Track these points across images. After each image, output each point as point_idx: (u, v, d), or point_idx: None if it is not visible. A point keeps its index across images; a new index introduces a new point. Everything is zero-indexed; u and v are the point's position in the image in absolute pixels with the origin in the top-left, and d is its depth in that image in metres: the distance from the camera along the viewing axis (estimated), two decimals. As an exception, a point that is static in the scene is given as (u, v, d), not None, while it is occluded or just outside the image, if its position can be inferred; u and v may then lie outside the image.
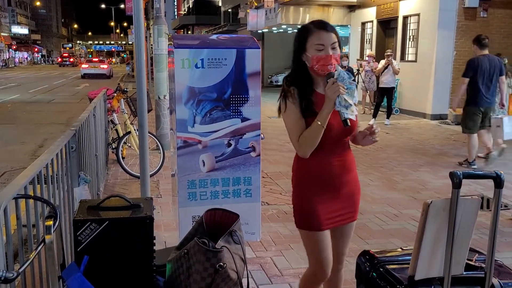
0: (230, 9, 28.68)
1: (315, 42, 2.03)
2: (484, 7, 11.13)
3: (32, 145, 8.08)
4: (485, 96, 6.32)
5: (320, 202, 2.13)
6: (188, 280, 1.86)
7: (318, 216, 2.13)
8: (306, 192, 2.16)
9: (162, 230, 4.04)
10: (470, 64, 6.37)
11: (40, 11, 74.79)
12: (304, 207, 2.17)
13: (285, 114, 2.10)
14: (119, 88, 6.80)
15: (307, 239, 2.20)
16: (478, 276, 1.80)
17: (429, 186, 5.69)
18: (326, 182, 2.14)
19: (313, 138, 2.02)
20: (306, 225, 2.17)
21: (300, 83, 2.10)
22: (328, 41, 2.03)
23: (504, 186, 1.69)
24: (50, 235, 1.61)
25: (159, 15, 7.64)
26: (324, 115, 1.99)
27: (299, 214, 2.20)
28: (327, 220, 2.15)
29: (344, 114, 1.96)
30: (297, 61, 2.12)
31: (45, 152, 2.41)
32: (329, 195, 2.15)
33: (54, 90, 20.48)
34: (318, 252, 2.17)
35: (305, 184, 2.17)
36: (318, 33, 2.05)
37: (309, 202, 2.15)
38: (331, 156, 2.13)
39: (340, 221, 2.21)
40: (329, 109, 1.97)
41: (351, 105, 1.97)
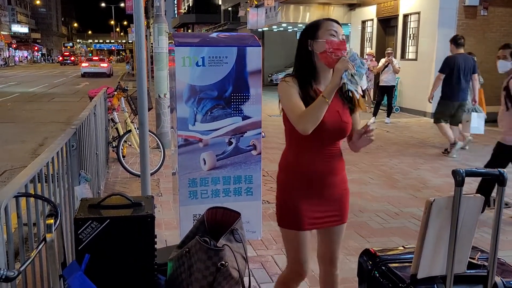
0: (230, 8, 28.65)
1: (329, 28, 2.04)
2: (485, 5, 11.12)
3: (32, 144, 8.07)
4: (458, 92, 6.87)
5: (303, 202, 2.11)
6: (189, 278, 1.85)
7: (300, 216, 2.11)
8: (290, 191, 2.15)
9: (163, 229, 4.03)
10: (447, 61, 6.92)
11: (40, 10, 74.74)
12: (287, 205, 2.16)
13: (284, 96, 2.05)
14: (119, 87, 6.79)
15: (287, 238, 2.19)
16: (480, 275, 1.79)
17: (430, 184, 5.68)
18: (312, 183, 2.12)
19: (317, 114, 1.93)
20: (287, 224, 2.16)
21: (304, 75, 2.08)
22: (340, 32, 2.06)
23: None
24: (51, 233, 1.61)
25: (160, 14, 7.63)
26: (330, 88, 1.92)
27: (281, 212, 2.19)
28: (309, 220, 2.13)
29: (348, 85, 1.91)
30: (303, 52, 2.10)
31: (46, 150, 2.40)
32: (314, 197, 2.13)
33: (54, 88, 20.46)
34: (297, 252, 2.16)
35: (290, 183, 2.16)
36: (330, 22, 2.08)
37: (293, 201, 2.13)
38: (319, 158, 2.10)
39: (326, 223, 2.19)
40: (335, 83, 1.91)
41: (358, 84, 1.93)
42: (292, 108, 2.01)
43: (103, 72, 29.62)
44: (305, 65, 2.09)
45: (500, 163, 4.29)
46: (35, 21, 69.43)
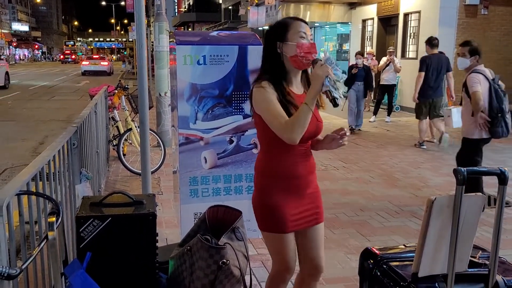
0: (231, 6, 28.62)
1: (298, 30, 2.01)
2: (485, 4, 11.11)
3: (32, 142, 8.08)
4: (429, 91, 7.41)
5: (285, 204, 2.07)
6: (191, 276, 1.86)
7: (284, 219, 2.06)
8: (271, 194, 2.08)
9: (164, 227, 4.04)
10: (423, 60, 7.46)
11: (40, 8, 74.69)
12: (268, 209, 2.09)
13: (264, 103, 1.99)
14: (120, 85, 6.79)
15: (272, 241, 2.13)
16: (482, 273, 1.79)
17: (430, 183, 5.68)
18: (292, 182, 2.08)
19: (302, 121, 1.91)
20: (270, 227, 2.09)
21: (276, 78, 2.03)
22: (308, 32, 2.04)
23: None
24: (53, 231, 1.61)
25: (160, 12, 7.63)
26: (312, 96, 1.89)
27: (263, 216, 2.12)
28: (292, 222, 2.09)
29: (333, 93, 1.89)
30: (272, 54, 2.06)
31: (47, 148, 2.41)
32: (294, 196, 2.09)
33: (55, 87, 20.46)
34: (283, 253, 2.12)
35: (271, 186, 2.09)
36: (298, 23, 2.04)
37: (274, 204, 2.07)
38: (297, 157, 2.08)
39: (305, 223, 2.15)
40: (316, 90, 1.88)
41: (339, 88, 1.91)
42: (275, 116, 1.96)
43: (104, 70, 29.60)
44: (275, 68, 2.05)
45: (472, 160, 4.44)
46: (36, 20, 69.38)
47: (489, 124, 4.34)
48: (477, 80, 4.36)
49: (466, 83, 4.47)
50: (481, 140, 4.48)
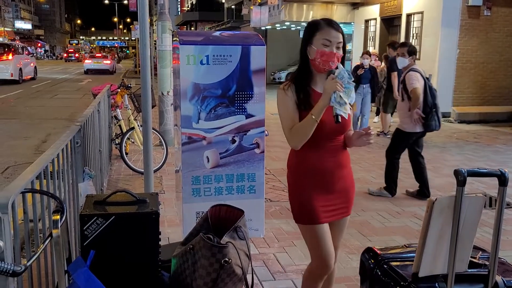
0: (234, 6, 28.62)
1: (323, 37, 2.08)
2: (488, 5, 11.09)
3: (35, 140, 8.11)
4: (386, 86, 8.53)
5: (316, 196, 2.18)
6: (193, 275, 1.87)
7: (316, 210, 2.17)
8: (302, 187, 2.20)
9: (166, 226, 4.06)
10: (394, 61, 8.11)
11: (43, 7, 74.77)
12: (301, 201, 2.21)
13: (280, 104, 2.16)
14: (123, 84, 6.81)
15: (307, 233, 2.22)
16: (481, 274, 1.81)
17: (432, 184, 5.68)
18: (320, 177, 2.18)
19: (305, 131, 2.05)
20: (305, 219, 2.20)
21: (300, 77, 2.17)
22: (335, 40, 2.09)
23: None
24: (57, 229, 1.63)
25: (163, 11, 7.64)
26: (319, 109, 2.03)
27: (297, 208, 2.23)
28: (325, 213, 2.19)
29: (336, 110, 2.00)
30: (302, 53, 2.18)
31: (51, 147, 2.42)
32: (324, 190, 2.19)
33: (57, 85, 20.51)
34: (319, 246, 2.19)
35: (301, 179, 2.21)
36: (327, 29, 2.10)
37: (306, 196, 2.18)
38: (324, 153, 2.17)
39: (335, 215, 2.25)
40: (324, 103, 2.01)
41: (346, 103, 2.01)
42: (285, 120, 2.14)
43: (106, 69, 29.62)
44: (302, 66, 2.18)
45: (398, 148, 5.07)
46: (38, 18, 69.45)
47: (424, 119, 4.73)
48: (416, 78, 4.75)
49: (405, 80, 4.84)
50: (413, 134, 4.91)
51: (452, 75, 11.29)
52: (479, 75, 11.47)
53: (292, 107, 2.12)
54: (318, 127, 2.06)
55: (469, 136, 9.10)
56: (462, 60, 11.29)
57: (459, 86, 11.39)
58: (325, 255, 2.19)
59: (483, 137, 9.05)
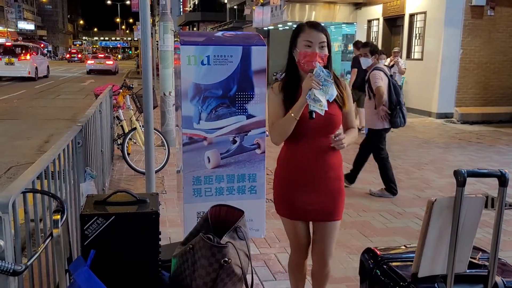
0: (236, 6, 28.64)
1: (305, 38, 2.16)
2: (491, 5, 11.07)
3: (37, 140, 8.13)
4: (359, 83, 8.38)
5: (297, 193, 2.24)
6: (193, 275, 1.88)
7: (293, 206, 2.26)
8: (285, 183, 2.28)
9: (167, 226, 4.07)
10: (355, 60, 8.61)
11: (46, 7, 74.99)
12: (281, 196, 2.31)
13: (268, 102, 2.28)
14: (125, 85, 6.82)
15: (284, 224, 2.39)
16: (481, 274, 1.80)
17: (433, 184, 5.68)
18: (303, 175, 2.23)
19: (284, 128, 2.14)
20: (283, 212, 2.34)
21: (288, 79, 2.25)
22: (317, 40, 2.15)
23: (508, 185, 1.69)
24: (57, 229, 1.63)
25: (165, 12, 7.65)
26: (297, 106, 2.11)
27: (277, 201, 2.36)
28: (302, 211, 2.26)
29: (311, 107, 2.06)
30: (289, 56, 2.27)
31: (53, 147, 2.43)
32: (306, 189, 2.23)
33: (60, 86, 20.57)
34: (294, 237, 2.37)
35: (285, 175, 2.29)
36: (309, 31, 2.18)
37: (286, 192, 2.28)
38: (309, 150, 2.21)
39: (318, 217, 2.28)
40: (302, 101, 2.09)
41: (321, 101, 2.06)
42: (270, 117, 2.24)
43: (109, 69, 29.69)
44: (290, 70, 2.27)
45: (379, 146, 5.14)
46: (41, 18, 69.66)
47: (389, 116, 4.94)
48: (379, 77, 4.95)
49: (369, 79, 5.03)
50: (384, 130, 5.09)
51: (455, 76, 11.26)
52: (482, 75, 11.44)
53: (278, 105, 2.21)
54: (303, 125, 2.12)
55: (471, 137, 9.08)
56: (465, 60, 11.26)
57: (462, 86, 11.37)
58: (298, 245, 2.38)
59: (486, 137, 9.03)
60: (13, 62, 21.48)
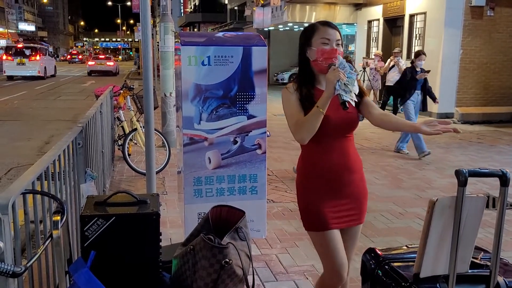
0: (236, 7, 28.66)
1: (321, 36, 2.08)
2: (491, 5, 11.06)
3: (38, 142, 8.13)
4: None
5: (324, 201, 2.10)
6: (194, 276, 1.87)
7: (324, 216, 2.09)
8: (309, 193, 2.14)
9: (168, 227, 4.06)
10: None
11: (47, 8, 75.08)
12: (309, 208, 2.14)
13: (284, 103, 2.14)
14: (125, 85, 6.82)
15: (317, 240, 2.14)
16: (483, 275, 1.80)
17: (435, 184, 5.67)
18: (326, 181, 2.11)
19: (311, 123, 1.99)
20: (314, 226, 2.13)
21: (303, 79, 2.15)
22: (334, 37, 2.08)
23: (510, 184, 1.69)
24: (57, 230, 1.63)
25: (166, 13, 7.66)
26: (324, 99, 1.97)
27: (305, 215, 2.17)
28: (334, 219, 2.10)
29: (343, 97, 1.95)
30: (301, 57, 2.17)
31: (53, 148, 2.43)
32: (332, 194, 2.11)
33: (61, 87, 20.58)
34: (330, 254, 2.11)
35: (308, 184, 2.15)
36: (324, 28, 2.10)
37: (314, 202, 2.12)
38: (330, 153, 2.11)
39: (346, 222, 2.16)
40: (329, 93, 1.96)
41: (351, 91, 1.97)
42: (290, 116, 2.09)
43: (109, 70, 29.72)
44: (303, 71, 2.16)
45: None
46: (42, 20, 69.73)
47: None
48: None
49: None
50: None
51: (455, 76, 11.25)
52: (482, 75, 11.43)
53: (296, 104, 2.09)
54: (323, 123, 2.00)
55: (472, 137, 9.07)
56: (465, 60, 11.25)
57: (462, 86, 11.36)
58: (337, 265, 2.10)
59: (487, 137, 9.02)
60: (24, 63, 23.53)
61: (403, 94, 7.40)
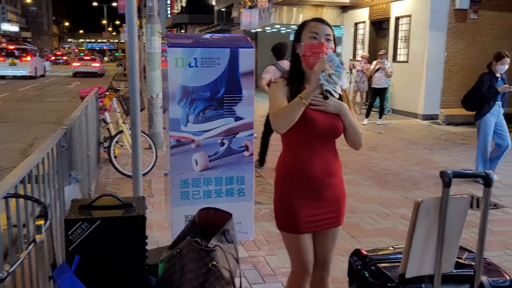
0: (224, 9, 28.64)
1: (310, 30, 2.05)
2: (475, 9, 11.23)
3: (22, 144, 8.02)
4: None
5: (301, 204, 2.09)
6: (181, 279, 1.86)
7: (299, 219, 2.09)
8: (287, 194, 2.13)
9: (154, 230, 4.03)
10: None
11: (30, 9, 74.11)
12: (284, 209, 2.13)
13: (271, 95, 2.10)
14: (111, 87, 6.76)
15: (288, 241, 2.18)
16: (467, 274, 1.82)
17: (420, 185, 5.73)
18: (308, 184, 2.09)
19: (290, 112, 1.94)
20: (287, 227, 2.14)
21: (293, 76, 2.12)
22: (322, 31, 2.04)
23: (493, 185, 1.71)
24: (41, 234, 1.60)
25: (152, 14, 7.62)
26: (309, 90, 1.93)
27: (281, 215, 2.16)
28: (308, 223, 2.10)
29: (325, 86, 1.90)
30: (293, 54, 2.14)
31: (36, 151, 2.40)
32: (311, 198, 2.10)
33: (46, 88, 20.32)
34: (299, 255, 2.16)
35: (288, 185, 2.13)
36: (314, 23, 2.08)
37: (290, 204, 2.11)
38: (313, 157, 2.08)
39: (323, 226, 2.16)
40: (313, 85, 1.91)
41: (336, 83, 1.91)
42: (273, 106, 2.04)
43: (95, 71, 29.44)
44: (294, 67, 2.14)
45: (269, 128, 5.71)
46: (26, 20, 68.78)
47: None
48: (269, 71, 6.07)
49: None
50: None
51: (440, 78, 11.39)
52: (466, 77, 11.57)
53: (283, 97, 2.04)
54: (311, 127, 1.98)
55: (457, 138, 9.19)
56: (449, 63, 11.40)
57: (447, 88, 11.50)
58: (306, 263, 2.17)
59: (471, 138, 9.14)
60: (15, 63, 25.14)
61: (479, 106, 5.86)
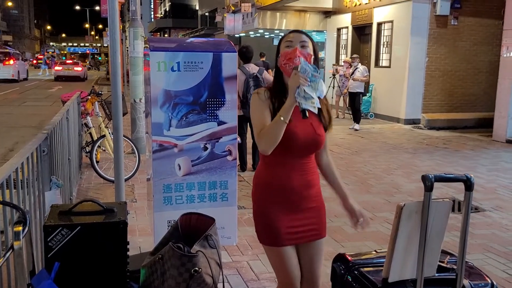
0: (207, 13, 28.64)
1: (285, 40, 2.05)
2: (455, 15, 11.44)
3: (2, 149, 7.86)
4: None
5: (280, 217, 2.05)
6: (162, 285, 1.84)
7: (279, 232, 2.04)
8: (266, 207, 2.08)
9: (137, 235, 3.98)
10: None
11: (11, 12, 72.95)
12: (264, 222, 2.08)
13: (253, 109, 2.05)
14: (93, 91, 6.69)
15: (271, 255, 2.12)
16: (449, 278, 1.83)
17: (403, 189, 5.79)
18: (286, 196, 2.06)
19: (273, 133, 1.89)
20: (268, 240, 2.09)
21: (275, 88, 2.08)
22: (297, 39, 2.02)
23: (474, 189, 1.73)
24: (19, 241, 1.57)
25: (135, 18, 7.56)
26: (286, 108, 1.87)
27: (261, 229, 2.11)
28: (289, 235, 2.06)
29: (302, 105, 1.83)
30: (276, 67, 2.11)
31: (15, 155, 2.35)
32: (289, 210, 2.07)
33: (26, 92, 19.99)
34: (283, 268, 2.10)
35: (265, 198, 2.09)
36: (290, 34, 2.08)
37: (269, 217, 2.06)
38: (292, 171, 2.05)
39: (305, 238, 2.13)
40: (290, 101, 1.86)
41: (312, 97, 1.85)
42: (256, 124, 2.00)
43: (77, 75, 29.09)
44: (276, 81, 2.10)
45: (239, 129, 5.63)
46: (7, 23, 67.64)
47: (241, 105, 6.05)
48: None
49: None
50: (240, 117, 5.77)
51: (421, 83, 11.56)
52: (447, 82, 11.79)
53: (265, 112, 2.00)
54: (292, 140, 1.95)
55: (438, 142, 9.32)
56: (431, 68, 11.58)
57: (428, 93, 11.67)
58: (291, 278, 2.10)
59: (452, 143, 9.29)
60: None
61: None
